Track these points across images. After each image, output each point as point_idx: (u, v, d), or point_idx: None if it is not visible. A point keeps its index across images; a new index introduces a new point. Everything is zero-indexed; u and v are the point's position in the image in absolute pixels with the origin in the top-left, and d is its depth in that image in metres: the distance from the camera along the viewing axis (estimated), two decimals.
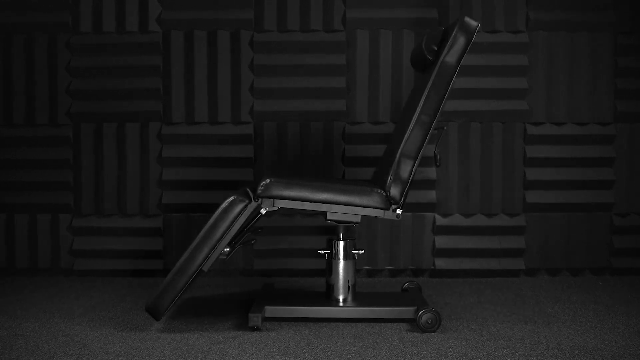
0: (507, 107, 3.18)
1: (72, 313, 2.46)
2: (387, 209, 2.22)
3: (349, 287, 2.37)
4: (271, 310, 2.27)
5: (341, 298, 2.37)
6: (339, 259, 2.37)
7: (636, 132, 3.22)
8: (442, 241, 3.19)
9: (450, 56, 2.19)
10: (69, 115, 3.21)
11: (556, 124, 3.20)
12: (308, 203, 2.20)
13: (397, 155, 2.21)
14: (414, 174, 2.23)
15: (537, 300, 2.68)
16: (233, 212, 2.16)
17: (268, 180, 2.18)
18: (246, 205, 2.17)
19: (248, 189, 2.30)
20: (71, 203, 3.22)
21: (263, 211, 2.20)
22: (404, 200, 2.23)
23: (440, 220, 3.20)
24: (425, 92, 2.20)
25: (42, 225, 3.22)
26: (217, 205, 2.19)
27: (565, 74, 3.20)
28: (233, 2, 3.18)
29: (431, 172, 3.19)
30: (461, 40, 2.19)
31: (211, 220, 2.16)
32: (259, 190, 2.18)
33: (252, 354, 1.93)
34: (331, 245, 2.38)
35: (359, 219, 2.24)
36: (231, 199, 2.17)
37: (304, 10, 3.18)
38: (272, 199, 2.19)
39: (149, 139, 3.20)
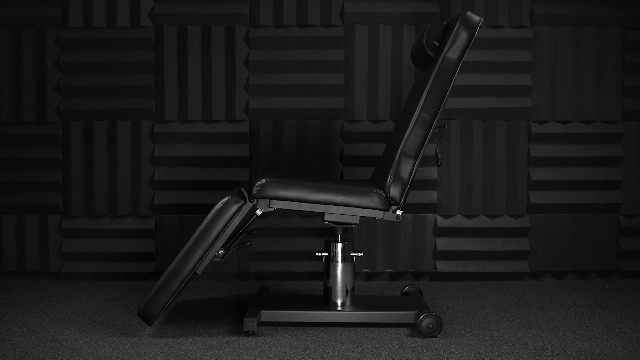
0: (510, 104, 3.15)
1: (62, 317, 2.46)
2: (387, 209, 2.22)
3: (347, 290, 2.37)
4: (267, 315, 2.27)
5: (339, 302, 2.37)
6: (337, 261, 2.36)
7: None
8: (443, 243, 3.16)
9: (452, 52, 2.20)
10: (58, 113, 3.18)
11: (562, 122, 3.18)
12: (305, 204, 2.20)
13: (397, 155, 2.21)
14: (415, 173, 2.23)
15: (542, 304, 2.68)
16: (228, 213, 2.15)
17: (264, 180, 2.18)
18: (241, 206, 2.16)
19: (243, 189, 2.30)
20: (60, 204, 3.19)
21: (259, 212, 2.20)
22: (404, 200, 2.23)
23: (442, 222, 3.17)
24: (426, 90, 2.21)
25: (30, 227, 3.19)
26: (212, 206, 2.20)
27: (571, 70, 3.18)
28: None
29: (432, 172, 3.17)
30: (463, 36, 2.19)
31: (205, 222, 2.16)
32: (255, 190, 2.17)
33: None
34: (329, 248, 2.38)
35: (357, 220, 2.25)
36: (226, 199, 2.17)
37: (300, 4, 3.16)
38: (268, 200, 2.19)
39: (140, 138, 3.18)
